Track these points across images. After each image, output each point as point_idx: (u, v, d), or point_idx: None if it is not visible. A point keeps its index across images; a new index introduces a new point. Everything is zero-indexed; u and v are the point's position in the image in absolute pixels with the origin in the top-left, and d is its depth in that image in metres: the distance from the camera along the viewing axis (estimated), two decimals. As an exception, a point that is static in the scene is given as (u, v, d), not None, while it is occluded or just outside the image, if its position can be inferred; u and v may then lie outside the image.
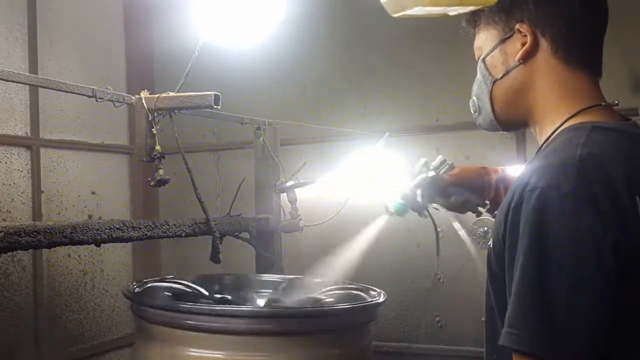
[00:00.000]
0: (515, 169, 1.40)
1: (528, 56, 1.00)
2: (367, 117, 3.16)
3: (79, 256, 3.20)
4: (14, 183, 2.90)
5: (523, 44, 1.00)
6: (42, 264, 2.99)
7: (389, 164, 2.69)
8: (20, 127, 2.95)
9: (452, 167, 1.43)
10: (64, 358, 3.10)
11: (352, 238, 1.94)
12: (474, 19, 1.09)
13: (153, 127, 1.82)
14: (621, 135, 0.92)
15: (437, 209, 1.49)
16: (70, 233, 1.61)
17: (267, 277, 2.34)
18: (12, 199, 2.89)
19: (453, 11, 0.90)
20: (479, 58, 1.11)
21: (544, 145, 1.00)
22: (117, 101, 1.87)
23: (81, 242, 1.65)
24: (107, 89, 1.83)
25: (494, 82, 1.05)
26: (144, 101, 1.82)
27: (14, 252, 2.18)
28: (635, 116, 2.52)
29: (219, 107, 1.79)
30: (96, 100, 1.81)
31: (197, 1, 1.93)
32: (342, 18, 3.23)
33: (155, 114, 1.83)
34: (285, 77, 3.36)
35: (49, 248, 1.62)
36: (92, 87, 1.79)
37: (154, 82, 3.69)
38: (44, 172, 3.04)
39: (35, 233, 1.52)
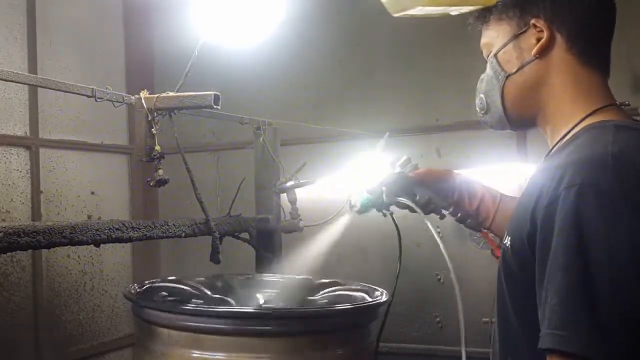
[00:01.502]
0: (477, 175, 1.40)
1: (544, 51, 1.00)
2: (367, 117, 3.16)
3: (79, 256, 3.19)
4: (13, 183, 2.90)
5: (538, 39, 1.00)
6: (42, 264, 2.98)
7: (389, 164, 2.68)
8: (19, 127, 2.95)
9: (416, 166, 1.43)
10: (63, 358, 3.09)
11: (352, 237, 1.94)
12: (484, 15, 1.08)
13: (153, 127, 1.82)
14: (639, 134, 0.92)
15: (401, 207, 1.46)
16: (70, 233, 1.60)
17: (267, 277, 2.34)
18: (11, 199, 2.89)
19: (454, 11, 0.90)
20: (488, 54, 1.10)
21: (562, 143, 0.99)
22: (117, 101, 1.87)
23: (80, 243, 1.65)
24: (106, 88, 1.82)
25: (507, 77, 1.05)
26: (143, 101, 1.82)
27: (13, 252, 2.18)
28: (636, 116, 2.52)
29: (218, 107, 1.78)
30: (96, 100, 1.80)
31: (197, 1, 1.93)
32: (342, 18, 3.23)
33: (155, 113, 1.82)
34: (286, 77, 3.36)
35: (48, 248, 1.62)
36: (92, 87, 1.79)
37: (153, 82, 3.69)
38: (43, 172, 3.04)
39: (34, 233, 1.51)
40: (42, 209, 3.01)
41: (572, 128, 0.98)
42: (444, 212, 1.42)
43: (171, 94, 1.82)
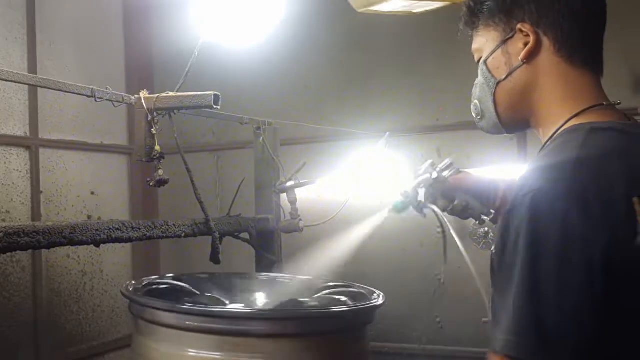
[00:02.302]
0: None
1: (531, 56, 0.99)
2: (367, 117, 3.16)
3: (78, 257, 3.19)
4: (13, 183, 2.89)
5: (525, 44, 0.99)
6: (42, 264, 2.98)
7: (389, 164, 2.68)
8: (19, 127, 2.95)
9: (458, 171, 1.42)
10: (63, 359, 3.09)
11: (351, 237, 1.93)
12: (472, 20, 1.08)
13: (152, 127, 1.82)
14: (621, 135, 0.91)
15: (434, 211, 1.48)
16: (70, 233, 1.60)
17: (266, 276, 2.34)
18: (11, 199, 2.89)
19: (419, 7, 0.89)
20: (479, 60, 1.10)
21: (544, 147, 1.00)
22: (117, 101, 1.87)
23: (80, 243, 1.65)
24: (106, 88, 1.82)
25: (497, 83, 1.04)
26: (143, 101, 1.82)
27: (13, 252, 2.18)
28: (636, 116, 2.52)
29: (218, 107, 1.78)
30: (95, 100, 1.80)
31: (197, 1, 1.92)
32: (342, 18, 3.22)
33: (155, 113, 1.82)
34: (285, 77, 3.36)
35: (48, 248, 1.62)
36: (92, 87, 1.78)
37: (153, 81, 3.69)
38: (43, 172, 3.03)
39: (34, 233, 1.51)
40: (42, 209, 3.01)
41: (557, 130, 0.98)
42: (484, 217, 1.41)
43: (171, 94, 1.82)
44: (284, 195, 2.44)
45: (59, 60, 3.17)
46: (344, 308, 1.84)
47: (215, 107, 1.77)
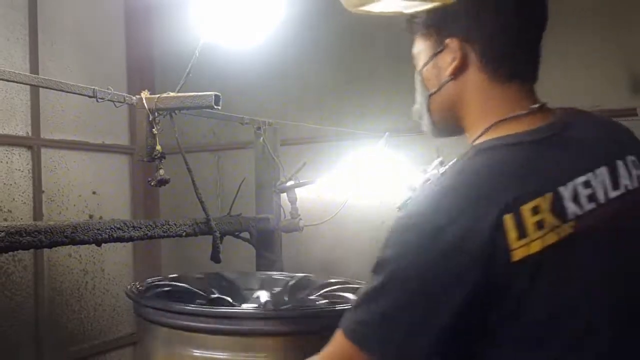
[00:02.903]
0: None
1: (458, 71, 0.98)
2: (367, 117, 3.17)
3: (80, 256, 3.20)
4: (14, 183, 2.91)
5: (454, 59, 0.98)
6: (43, 263, 2.99)
7: (389, 164, 2.69)
8: (21, 127, 2.96)
9: None
10: (64, 357, 3.11)
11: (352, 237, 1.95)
12: (411, 28, 1.07)
13: (154, 127, 1.83)
14: (507, 151, 0.90)
15: None
16: (71, 233, 1.61)
17: (270, 274, 2.35)
18: (13, 199, 2.90)
19: (411, 8, 0.89)
20: (416, 67, 1.10)
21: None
22: (118, 101, 1.88)
23: (82, 242, 1.66)
24: (107, 89, 1.83)
25: (429, 96, 1.05)
26: (144, 101, 1.83)
27: (15, 251, 2.19)
28: (635, 116, 2.53)
29: (219, 107, 1.79)
30: (97, 101, 1.81)
31: (198, 1, 1.93)
32: (342, 18, 3.23)
33: (156, 114, 1.83)
34: (286, 78, 3.37)
35: (50, 248, 1.63)
36: (93, 87, 1.80)
37: (154, 82, 3.70)
38: (44, 172, 3.05)
39: (36, 233, 1.52)
40: (43, 208, 3.03)
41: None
42: None
43: (172, 94, 1.83)
44: (284, 195, 2.44)
45: (60, 61, 3.19)
46: (348, 305, 1.84)
47: (215, 107, 1.78)
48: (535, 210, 0.82)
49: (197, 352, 1.67)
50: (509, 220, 0.81)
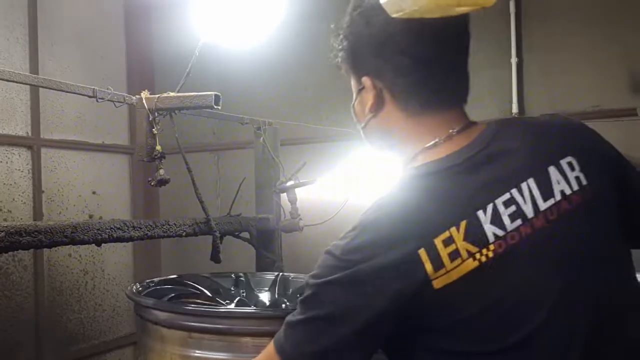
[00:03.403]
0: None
1: (376, 109, 1.00)
2: (367, 117, 3.16)
3: (80, 256, 3.21)
4: (14, 183, 2.91)
5: (370, 97, 1.00)
6: (43, 263, 3.00)
7: (389, 164, 2.69)
8: (21, 127, 2.96)
9: None
10: (64, 357, 3.11)
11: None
12: (338, 66, 1.08)
13: (153, 127, 1.83)
14: (422, 183, 0.90)
15: None
16: (71, 233, 1.61)
17: (268, 275, 2.35)
18: (13, 199, 2.90)
19: (451, 12, 0.90)
20: None
21: None
22: (118, 101, 1.88)
23: (82, 242, 1.66)
24: (107, 89, 1.83)
25: (362, 129, 1.07)
26: (144, 101, 1.83)
27: (15, 251, 2.19)
28: (635, 116, 2.53)
29: (219, 107, 1.79)
30: (97, 101, 1.81)
31: (197, 1, 1.93)
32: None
33: (156, 114, 1.83)
34: (286, 77, 3.37)
35: (50, 248, 1.63)
36: (93, 87, 1.80)
37: (154, 82, 3.70)
38: (44, 172, 3.05)
39: (36, 233, 1.52)
40: (43, 208, 3.03)
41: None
42: None
43: (172, 94, 1.83)
44: (284, 195, 2.44)
45: (60, 61, 3.19)
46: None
47: (215, 107, 1.77)
48: (448, 241, 0.83)
49: (197, 352, 1.67)
50: (423, 254, 0.82)
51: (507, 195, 0.86)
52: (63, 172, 3.18)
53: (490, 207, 0.85)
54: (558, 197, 0.88)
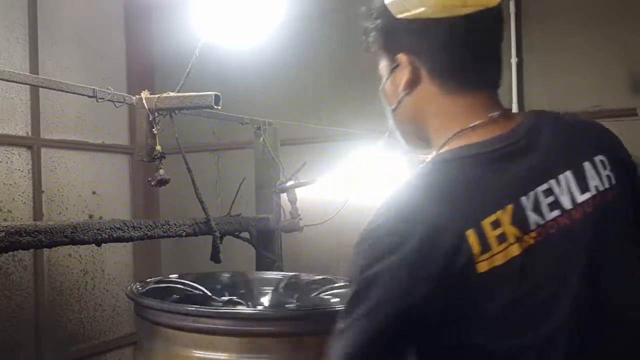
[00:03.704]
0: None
1: (411, 86, 0.98)
2: (367, 117, 3.16)
3: (80, 256, 3.21)
4: (14, 183, 2.91)
5: (406, 74, 0.98)
6: (43, 263, 3.00)
7: (389, 164, 2.69)
8: (21, 127, 2.96)
9: None
10: (64, 357, 3.11)
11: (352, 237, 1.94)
12: (368, 47, 1.06)
13: (153, 127, 1.83)
14: (466, 164, 0.89)
15: None
16: (71, 233, 1.61)
17: (269, 274, 2.35)
18: (13, 199, 2.90)
19: (456, 11, 0.90)
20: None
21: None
22: (118, 101, 1.88)
23: (82, 242, 1.66)
24: (107, 89, 1.84)
25: (392, 111, 1.06)
26: (144, 101, 1.83)
27: (15, 251, 2.19)
28: (635, 116, 2.53)
29: (219, 107, 1.79)
30: (97, 101, 1.81)
31: (198, 1, 1.93)
32: (341, 18, 3.23)
33: (156, 114, 1.83)
34: (286, 77, 3.37)
35: (50, 248, 1.63)
36: (93, 87, 1.80)
37: (154, 82, 3.70)
38: (44, 172, 3.05)
39: (36, 233, 1.52)
40: (43, 208, 3.03)
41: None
42: None
43: (172, 94, 1.83)
44: (284, 195, 2.44)
45: (60, 61, 3.19)
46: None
47: (215, 107, 1.78)
48: (496, 224, 0.82)
49: (197, 352, 1.68)
50: (471, 235, 0.81)
51: (546, 185, 0.87)
52: (63, 172, 3.18)
53: (532, 195, 0.86)
54: (593, 191, 0.89)
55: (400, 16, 0.89)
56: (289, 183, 2.39)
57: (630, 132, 2.67)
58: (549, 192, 0.87)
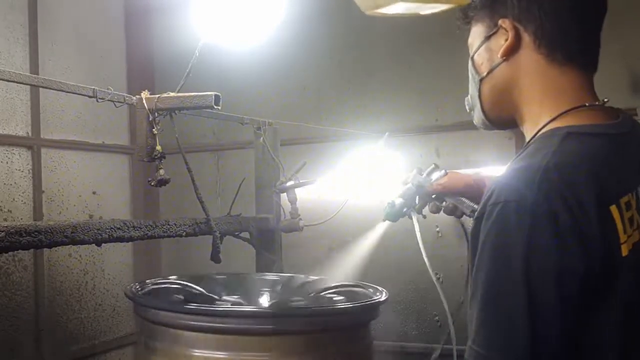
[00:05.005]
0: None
1: (510, 52, 0.96)
2: (367, 117, 3.17)
3: (80, 256, 3.20)
4: (15, 183, 2.91)
5: (506, 40, 0.96)
6: (43, 263, 2.99)
7: (389, 164, 2.70)
8: (21, 127, 2.96)
9: (445, 173, 1.47)
10: (65, 357, 3.11)
11: (353, 238, 1.95)
12: (465, 15, 1.05)
13: (154, 127, 1.83)
14: (598, 140, 0.86)
15: (424, 216, 1.58)
16: (71, 233, 1.62)
17: (268, 275, 2.35)
18: (13, 199, 2.90)
19: (427, 10, 0.89)
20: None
21: (522, 149, 0.95)
22: (118, 101, 1.88)
23: (82, 242, 1.66)
24: (107, 89, 1.84)
25: (481, 80, 1.02)
26: (144, 101, 1.83)
27: (15, 251, 2.19)
28: (634, 116, 2.53)
29: (219, 108, 1.79)
30: (97, 101, 1.81)
31: (198, 2, 1.93)
32: (341, 18, 3.24)
33: (156, 114, 1.83)
34: (286, 78, 3.37)
35: (50, 248, 1.63)
36: (93, 87, 1.80)
37: (154, 82, 3.70)
38: (44, 172, 3.05)
39: (36, 233, 1.52)
40: (43, 208, 3.03)
41: (536, 133, 0.93)
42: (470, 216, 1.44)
43: (172, 94, 1.83)
44: (284, 195, 2.45)
45: (60, 61, 3.19)
46: (349, 304, 1.84)
47: (215, 107, 1.78)
48: (628, 206, 0.80)
49: (197, 352, 1.68)
50: (615, 211, 0.78)
51: None
52: (63, 172, 3.17)
53: None
54: None
55: (368, 13, 0.88)
56: (289, 183, 2.40)
57: (630, 132, 2.68)
58: None
